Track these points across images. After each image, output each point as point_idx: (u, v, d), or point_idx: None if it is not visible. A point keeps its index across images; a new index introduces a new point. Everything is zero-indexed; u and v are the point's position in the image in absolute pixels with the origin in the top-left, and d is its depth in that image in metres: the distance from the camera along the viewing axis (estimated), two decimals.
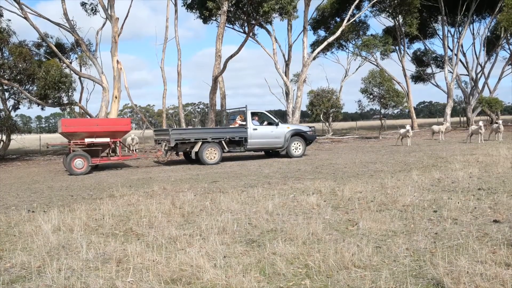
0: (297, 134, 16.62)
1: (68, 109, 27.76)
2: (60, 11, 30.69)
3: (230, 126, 16.77)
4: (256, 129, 16.00)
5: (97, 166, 14.79)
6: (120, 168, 15.31)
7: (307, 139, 16.88)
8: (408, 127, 20.32)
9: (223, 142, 15.33)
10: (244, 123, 16.11)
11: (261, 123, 16.47)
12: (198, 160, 15.14)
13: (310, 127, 17.49)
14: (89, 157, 13.57)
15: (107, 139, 14.04)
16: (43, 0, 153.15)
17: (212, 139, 15.11)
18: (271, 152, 17.43)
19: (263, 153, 17.86)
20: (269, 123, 16.58)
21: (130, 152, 18.05)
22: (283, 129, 16.42)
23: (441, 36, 35.10)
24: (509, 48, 36.66)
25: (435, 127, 24.13)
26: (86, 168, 13.45)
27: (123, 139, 18.02)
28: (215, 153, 15.09)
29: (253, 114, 16.34)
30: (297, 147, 16.49)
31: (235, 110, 17.80)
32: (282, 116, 35.19)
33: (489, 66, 36.94)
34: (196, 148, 14.91)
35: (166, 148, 15.85)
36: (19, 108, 26.08)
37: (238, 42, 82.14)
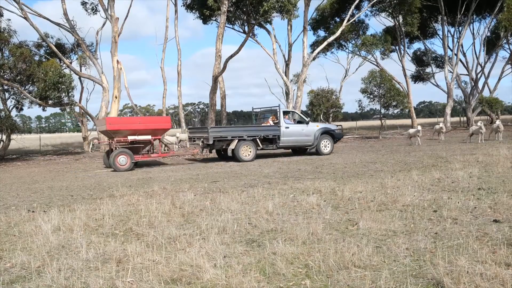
0: (326, 132, 17.22)
1: (68, 109, 27.71)
2: (60, 11, 30.71)
3: (262, 124, 17.23)
4: (288, 127, 16.52)
5: (136, 163, 15.01)
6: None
7: (335, 137, 17.55)
8: (419, 127, 20.28)
9: (257, 139, 15.84)
10: (277, 121, 16.65)
11: (292, 122, 17.18)
12: (232, 157, 15.64)
13: (337, 126, 18.38)
14: (132, 154, 14.09)
15: (149, 137, 14.60)
16: (42, 0, 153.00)
17: (247, 137, 15.69)
18: (297, 150, 17.96)
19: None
20: (299, 122, 17.26)
21: (167, 149, 18.53)
22: (313, 128, 17.01)
23: (441, 36, 35.10)
24: (509, 48, 36.68)
25: (437, 127, 24.23)
26: (129, 165, 13.91)
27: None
28: (250, 151, 15.60)
29: (284, 113, 16.97)
30: (326, 145, 17.09)
31: (265, 109, 18.27)
32: None
33: (489, 66, 37.00)
34: (232, 146, 15.40)
35: (202, 146, 16.43)
36: (23, 110, 26.13)
37: (238, 42, 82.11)
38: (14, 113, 25.59)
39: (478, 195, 6.86)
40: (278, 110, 16.70)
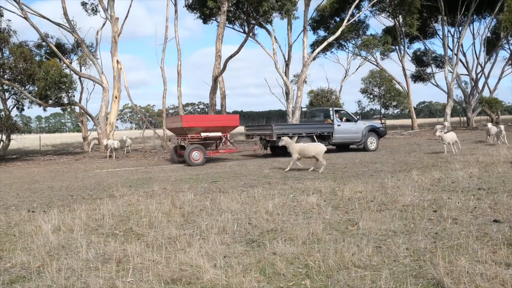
0: (372, 129, 18.26)
1: (68, 109, 27.73)
2: (59, 11, 30.70)
3: (325, 122, 18.27)
4: (340, 125, 17.73)
5: (207, 158, 15.68)
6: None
7: (379, 134, 18.56)
8: (502, 126, 17.85)
9: (314, 136, 16.74)
10: (332, 119, 17.87)
11: (341, 120, 18.29)
12: (284, 154, 15.76)
13: (381, 123, 19.99)
14: (204, 150, 14.90)
15: (219, 133, 15.48)
16: (41, 0, 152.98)
17: (306, 134, 16.59)
18: (341, 147, 18.80)
19: (264, 152, 18.45)
20: (348, 120, 18.36)
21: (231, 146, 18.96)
22: (361, 125, 18.17)
23: (441, 36, 35.08)
24: (509, 48, 36.65)
25: (438, 126, 24.32)
26: (202, 160, 14.72)
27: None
28: None
29: (335, 111, 18.15)
30: (372, 142, 18.02)
31: (317, 109, 19.73)
32: (282, 116, 35.15)
33: (489, 66, 36.96)
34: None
35: (262, 142, 17.36)
36: (23, 110, 26.13)
37: (238, 42, 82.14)
38: (14, 113, 25.63)
39: (478, 195, 6.86)
40: (331, 109, 18.05)
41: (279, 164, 14.02)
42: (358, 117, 18.67)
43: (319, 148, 11.64)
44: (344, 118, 18.42)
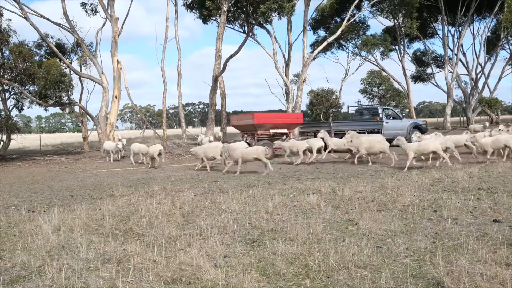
0: (416, 126, 19.83)
1: (67, 110, 27.68)
2: (59, 11, 30.71)
3: (370, 120, 19.89)
4: (387, 122, 19.52)
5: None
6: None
7: (422, 130, 19.60)
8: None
9: (366, 133, 17.34)
10: (381, 117, 19.52)
11: (388, 118, 20.08)
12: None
13: (423, 121, 21.72)
14: (272, 146, 15.54)
15: (285, 130, 16.49)
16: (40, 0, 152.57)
17: (359, 130, 16.94)
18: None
19: None
20: (394, 118, 20.21)
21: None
22: (406, 123, 20.13)
23: (441, 36, 35.08)
24: (509, 48, 36.63)
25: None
26: (271, 155, 15.07)
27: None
28: None
29: (383, 110, 20.13)
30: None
31: (365, 107, 21.47)
32: None
33: (489, 66, 36.92)
34: None
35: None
36: (23, 109, 26.13)
37: (238, 42, 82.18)
38: (14, 113, 25.63)
39: (478, 195, 6.86)
40: (380, 108, 19.68)
41: (279, 164, 14.02)
42: (403, 115, 20.62)
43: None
44: (390, 116, 20.30)
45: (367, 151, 12.41)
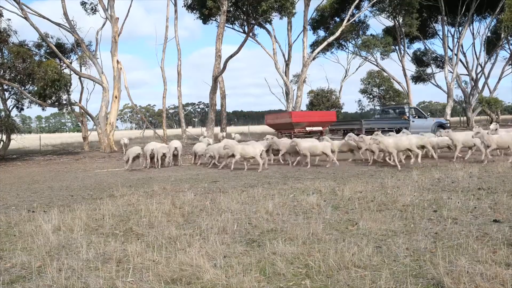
0: (440, 125, 20.86)
1: (65, 110, 27.70)
2: (59, 10, 30.70)
3: (397, 119, 20.93)
4: (413, 121, 20.50)
5: None
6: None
7: (445, 128, 20.50)
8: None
9: (394, 131, 17.72)
10: (407, 116, 20.54)
11: (414, 117, 21.07)
12: None
13: (446, 120, 23.23)
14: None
15: (320, 128, 17.15)
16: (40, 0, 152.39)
17: (388, 128, 18.00)
18: None
19: None
20: (419, 117, 21.25)
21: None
22: (431, 121, 21.20)
23: (441, 36, 35.11)
24: (509, 48, 36.67)
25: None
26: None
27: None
28: None
29: (409, 109, 21.17)
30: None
31: (391, 106, 22.85)
32: None
33: (489, 66, 36.99)
34: None
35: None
36: (23, 110, 26.13)
37: (238, 42, 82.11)
38: (14, 113, 25.63)
39: (478, 195, 6.86)
40: (406, 107, 20.92)
41: (279, 164, 14.02)
42: (428, 114, 21.83)
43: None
44: (416, 115, 21.32)
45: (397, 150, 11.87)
